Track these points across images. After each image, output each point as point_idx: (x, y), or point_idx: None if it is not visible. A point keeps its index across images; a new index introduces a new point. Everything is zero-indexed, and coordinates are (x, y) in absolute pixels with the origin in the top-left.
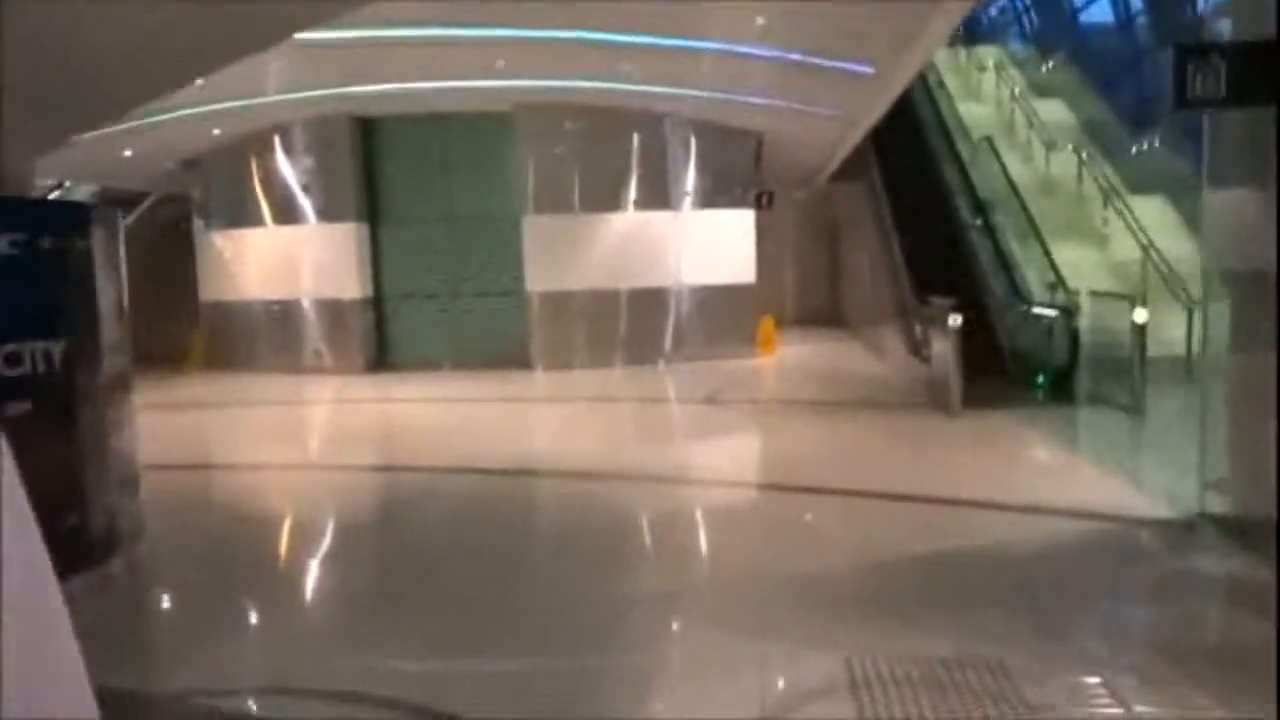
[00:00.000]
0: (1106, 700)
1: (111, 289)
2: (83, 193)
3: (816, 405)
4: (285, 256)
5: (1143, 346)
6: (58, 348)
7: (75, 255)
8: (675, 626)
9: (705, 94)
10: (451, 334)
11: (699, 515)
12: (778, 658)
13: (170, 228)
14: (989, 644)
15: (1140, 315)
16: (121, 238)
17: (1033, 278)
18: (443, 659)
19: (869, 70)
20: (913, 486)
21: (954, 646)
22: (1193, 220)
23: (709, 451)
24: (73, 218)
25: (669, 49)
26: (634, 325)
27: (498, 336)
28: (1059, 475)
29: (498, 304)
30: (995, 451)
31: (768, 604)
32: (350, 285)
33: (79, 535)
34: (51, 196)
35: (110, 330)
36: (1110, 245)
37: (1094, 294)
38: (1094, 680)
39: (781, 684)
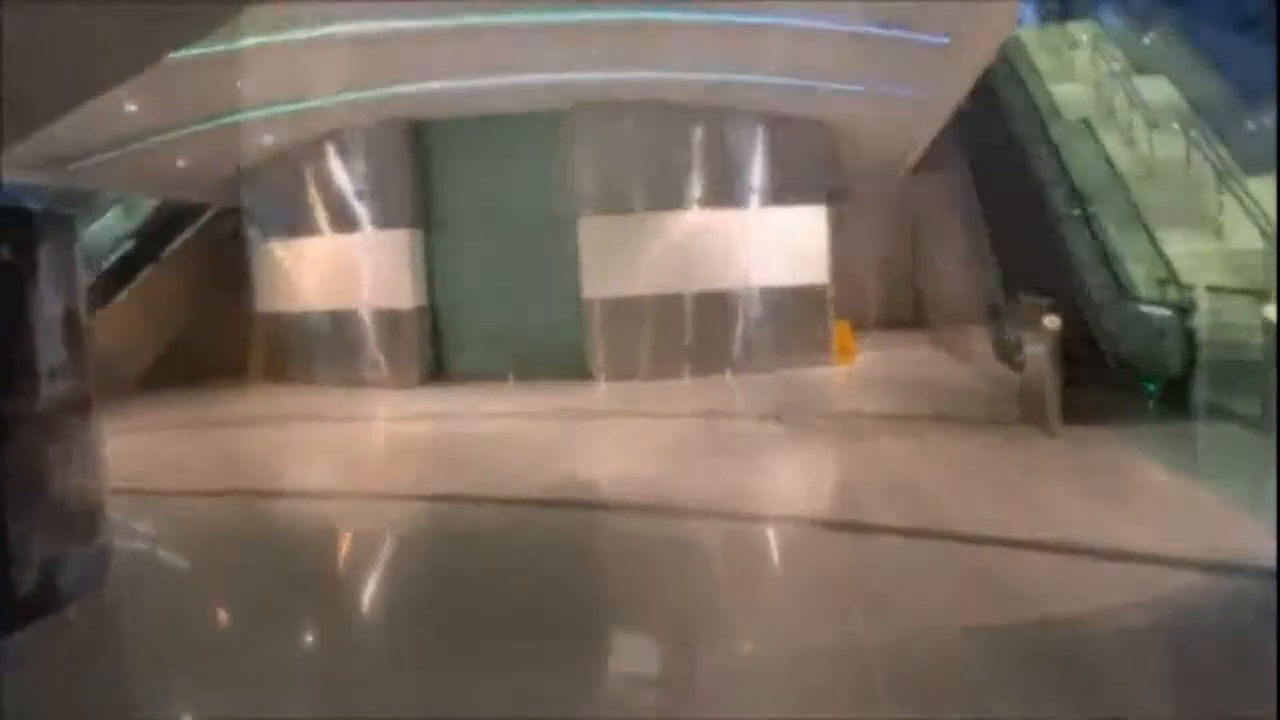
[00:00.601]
0: None
1: (57, 305)
2: (145, 207)
3: (895, 421)
4: (340, 266)
5: (1276, 349)
6: None
7: (3, 268)
8: None
9: (773, 80)
10: (508, 344)
11: (742, 563)
12: None
13: (229, 239)
14: None
15: (1273, 312)
16: (76, 247)
17: (1138, 272)
18: None
19: (944, 41)
20: (1002, 526)
21: None
22: None
23: (768, 481)
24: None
25: (733, 26)
26: (700, 332)
27: (556, 346)
28: (1180, 512)
29: (555, 312)
30: (1100, 480)
31: (802, 695)
32: (405, 294)
33: (2, 595)
34: (111, 211)
35: (52, 352)
36: (1226, 233)
37: (1211, 289)
38: None
39: None
